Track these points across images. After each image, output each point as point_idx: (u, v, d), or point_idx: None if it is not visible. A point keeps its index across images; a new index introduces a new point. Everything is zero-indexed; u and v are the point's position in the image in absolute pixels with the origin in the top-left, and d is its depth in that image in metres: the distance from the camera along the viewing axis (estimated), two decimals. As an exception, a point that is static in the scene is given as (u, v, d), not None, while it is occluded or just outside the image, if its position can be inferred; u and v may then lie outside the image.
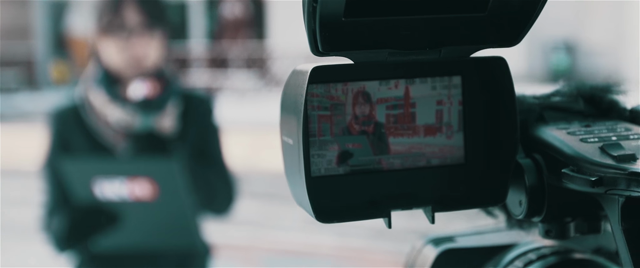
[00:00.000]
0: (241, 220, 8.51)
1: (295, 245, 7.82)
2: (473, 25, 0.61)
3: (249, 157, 11.54)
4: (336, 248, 7.68)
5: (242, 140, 12.79)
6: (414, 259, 0.76)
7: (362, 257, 7.29)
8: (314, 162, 0.63)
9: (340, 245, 7.76)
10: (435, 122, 0.66)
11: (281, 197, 9.71)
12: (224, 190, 2.89)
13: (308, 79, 0.60)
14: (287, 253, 7.58)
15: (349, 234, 8.05)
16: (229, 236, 7.76)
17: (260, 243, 7.88)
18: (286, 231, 8.29)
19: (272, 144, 6.45)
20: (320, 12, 0.57)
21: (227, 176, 2.93)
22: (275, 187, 10.12)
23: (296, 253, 7.56)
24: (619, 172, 0.58)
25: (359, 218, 0.64)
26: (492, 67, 0.64)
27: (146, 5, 2.80)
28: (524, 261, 0.69)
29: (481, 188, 0.65)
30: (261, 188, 9.99)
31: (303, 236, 8.09)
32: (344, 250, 7.62)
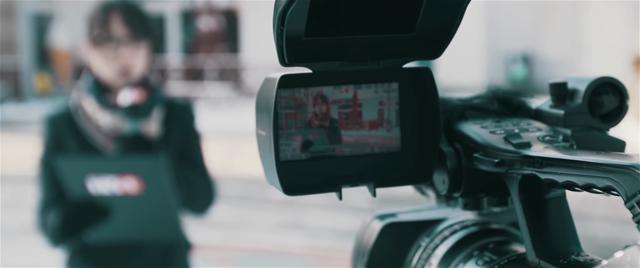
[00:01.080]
0: (216, 221, 8.51)
1: (267, 245, 7.74)
2: (404, 43, 0.70)
3: (224, 163, 11.44)
4: (306, 248, 7.60)
5: (217, 147, 12.70)
6: (363, 232, 0.83)
7: (330, 255, 7.24)
8: (282, 149, 0.71)
9: (310, 244, 7.70)
10: (378, 119, 0.74)
11: (254, 200, 9.66)
12: (203, 191, 2.90)
13: (277, 85, 0.69)
14: (260, 253, 7.48)
15: (318, 235, 7.96)
16: (205, 236, 7.85)
17: (234, 243, 7.78)
18: (259, 232, 8.21)
19: (246, 151, 6.62)
20: (286, 33, 0.65)
21: (207, 178, 2.94)
22: (249, 191, 10.06)
23: (268, 253, 7.47)
24: (516, 156, 0.67)
25: (317, 193, 0.73)
26: (421, 75, 0.72)
27: (132, 19, 2.83)
28: (451, 230, 0.77)
29: (413, 170, 0.73)
30: (235, 192, 9.89)
31: (275, 237, 8.01)
32: (313, 249, 7.50)
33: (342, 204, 9.00)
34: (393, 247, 0.80)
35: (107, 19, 2.81)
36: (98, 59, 2.83)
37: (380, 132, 0.74)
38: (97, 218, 2.66)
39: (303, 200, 9.55)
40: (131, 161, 2.64)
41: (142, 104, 2.73)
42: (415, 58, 0.71)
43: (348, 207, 8.50)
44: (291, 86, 0.71)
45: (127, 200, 2.64)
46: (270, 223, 8.50)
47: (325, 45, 0.69)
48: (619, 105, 0.73)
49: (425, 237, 0.79)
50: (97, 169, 2.60)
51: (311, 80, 0.72)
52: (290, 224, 8.49)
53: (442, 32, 0.69)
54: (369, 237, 0.81)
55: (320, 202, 9.20)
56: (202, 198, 2.90)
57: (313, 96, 0.72)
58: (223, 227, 8.36)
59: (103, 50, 2.81)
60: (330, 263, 7.04)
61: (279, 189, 0.68)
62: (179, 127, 2.94)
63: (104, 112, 2.80)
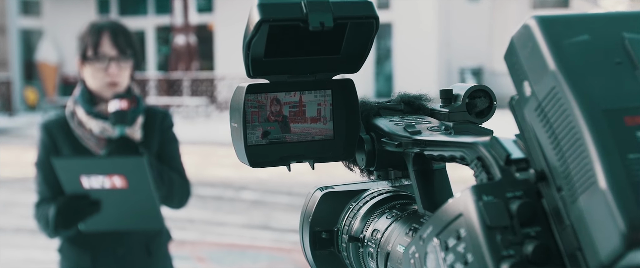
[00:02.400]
0: (191, 219, 8.59)
1: (237, 239, 7.80)
2: (333, 62, 0.87)
3: (199, 168, 11.33)
4: (272, 241, 7.65)
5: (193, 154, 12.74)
6: (308, 200, 0.96)
7: (294, 249, 7.17)
8: (248, 136, 0.86)
9: (276, 239, 7.73)
10: (317, 115, 0.89)
11: (225, 200, 9.68)
12: (180, 187, 2.95)
13: (245, 91, 0.85)
14: (231, 247, 7.55)
15: (283, 231, 7.97)
16: (182, 233, 7.64)
17: (207, 239, 7.83)
18: (230, 228, 8.25)
19: (219, 158, 6.79)
20: (251, 55, 0.81)
21: (184, 176, 3.00)
22: (221, 193, 10.09)
23: (238, 247, 7.53)
24: (409, 140, 0.82)
25: (273, 166, 0.88)
26: (347, 84, 0.89)
27: (119, 40, 2.89)
28: (371, 196, 0.91)
29: (341, 151, 0.89)
30: (208, 193, 9.94)
31: (244, 232, 8.06)
32: (278, 243, 7.56)
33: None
34: (330, 210, 0.94)
35: (98, 40, 2.88)
36: (89, 74, 2.90)
37: (318, 125, 0.90)
38: (89, 210, 2.71)
39: (270, 203, 9.61)
40: (118, 161, 2.70)
41: (127, 112, 2.79)
42: (341, 72, 0.88)
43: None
44: (255, 92, 0.87)
45: (115, 194, 2.68)
46: (241, 223, 8.53)
47: (279, 63, 0.85)
48: (489, 105, 0.87)
49: (352, 202, 0.94)
50: (89, 168, 2.66)
51: (269, 88, 0.87)
52: (259, 223, 8.50)
53: (359, 54, 0.86)
54: (313, 203, 0.95)
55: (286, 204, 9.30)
56: (179, 193, 2.96)
57: (270, 99, 0.87)
58: (197, 225, 8.38)
59: (94, 66, 2.88)
60: (292, 255, 7.18)
61: (246, 164, 0.86)
62: (159, 132, 3.01)
63: (95, 119, 2.87)
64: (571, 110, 0.58)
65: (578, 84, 0.58)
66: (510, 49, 0.63)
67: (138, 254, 3.00)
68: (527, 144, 0.63)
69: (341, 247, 0.93)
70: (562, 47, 0.60)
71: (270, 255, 7.23)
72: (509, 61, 0.63)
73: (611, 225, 0.54)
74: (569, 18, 0.62)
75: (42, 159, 2.92)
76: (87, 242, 2.94)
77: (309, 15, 0.78)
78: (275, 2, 0.78)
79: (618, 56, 0.60)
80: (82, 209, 2.71)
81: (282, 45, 0.83)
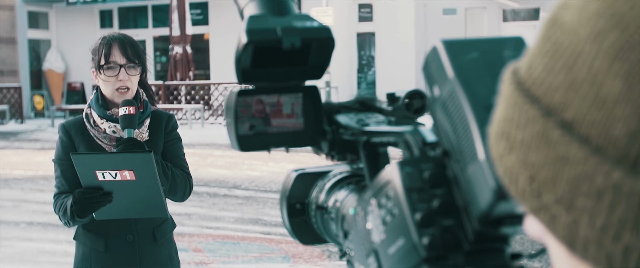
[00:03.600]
0: (189, 214, 8.67)
1: (230, 232, 7.84)
2: (302, 71, 0.98)
3: (196, 168, 11.22)
4: (263, 234, 7.70)
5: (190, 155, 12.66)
6: (286, 180, 1.05)
7: (283, 241, 7.29)
8: (239, 129, 0.95)
9: (266, 231, 7.77)
10: (291, 113, 0.98)
11: (220, 197, 9.69)
12: (183, 181, 3.01)
13: (236, 95, 0.96)
14: (225, 239, 7.59)
15: (272, 224, 8.01)
16: (181, 227, 7.92)
17: (203, 232, 7.87)
18: (224, 222, 8.29)
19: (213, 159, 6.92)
20: (241, 66, 0.93)
21: (186, 172, 3.07)
22: (216, 191, 10.10)
23: (232, 239, 7.58)
24: (359, 130, 0.93)
25: (258, 151, 0.98)
26: (313, 90, 0.99)
27: (128, 50, 2.98)
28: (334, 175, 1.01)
29: (310, 139, 1.00)
30: (204, 191, 9.98)
31: (237, 226, 8.10)
32: (268, 235, 7.61)
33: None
34: (302, 187, 1.03)
35: (109, 50, 2.96)
36: (102, 81, 2.99)
37: (292, 120, 1.00)
38: (103, 200, 2.76)
39: (261, 199, 9.57)
40: (128, 157, 2.74)
41: (134, 116, 2.86)
42: (308, 79, 1.01)
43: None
44: (244, 95, 0.97)
45: (125, 186, 2.73)
46: (234, 217, 8.57)
47: (262, 73, 0.97)
48: (423, 104, 0.97)
49: (320, 180, 1.04)
50: (103, 163, 2.71)
51: (254, 92, 0.96)
52: (251, 218, 8.53)
53: (321, 66, 0.99)
54: (289, 182, 1.05)
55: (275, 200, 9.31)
56: (182, 187, 3.02)
57: (255, 100, 0.98)
58: (195, 220, 8.40)
59: (106, 75, 2.97)
60: (282, 247, 7.18)
61: (237, 150, 1.01)
62: (164, 133, 3.08)
63: (107, 121, 2.97)
64: (463, 106, 0.70)
65: (468, 88, 0.70)
66: (425, 64, 0.75)
67: (145, 240, 3.07)
68: (437, 131, 0.76)
69: (311, 215, 1.03)
70: (458, 62, 0.72)
71: (261, 246, 7.28)
72: (425, 72, 0.75)
73: (486, 185, 0.67)
74: (464, 41, 0.74)
75: (60, 156, 3.00)
76: (101, 229, 3.01)
77: (283, 38, 0.91)
78: (258, 28, 0.92)
79: (498, 68, 0.71)
80: (96, 199, 2.76)
81: (263, 59, 0.95)
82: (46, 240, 7.64)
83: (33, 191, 10.37)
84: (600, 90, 0.48)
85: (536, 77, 0.53)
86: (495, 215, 0.69)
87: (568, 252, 0.53)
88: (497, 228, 0.72)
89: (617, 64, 0.47)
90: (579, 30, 0.50)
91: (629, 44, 0.46)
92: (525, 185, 0.53)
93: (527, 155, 0.53)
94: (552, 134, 0.51)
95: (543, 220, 0.53)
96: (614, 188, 0.47)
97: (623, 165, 0.47)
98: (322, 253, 6.90)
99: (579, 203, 0.49)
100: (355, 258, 0.86)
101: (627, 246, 0.47)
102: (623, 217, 0.47)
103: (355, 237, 0.85)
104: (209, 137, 16.08)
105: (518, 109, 0.54)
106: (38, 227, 8.23)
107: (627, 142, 0.47)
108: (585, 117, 0.49)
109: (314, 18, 0.97)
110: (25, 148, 15.50)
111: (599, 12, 0.48)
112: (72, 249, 3.13)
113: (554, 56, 0.51)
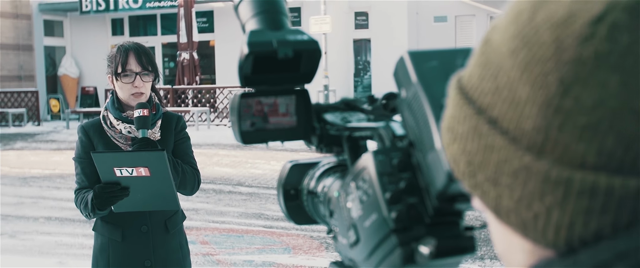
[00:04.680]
0: (196, 209, 8.64)
1: (235, 226, 7.86)
2: (294, 77, 1.03)
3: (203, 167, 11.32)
4: (265, 227, 7.71)
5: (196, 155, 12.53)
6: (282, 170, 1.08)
7: (284, 234, 7.33)
8: (241, 125, 1.00)
9: (268, 225, 7.79)
10: (286, 112, 1.02)
11: (225, 193, 9.67)
12: (192, 177, 3.06)
13: (239, 97, 1.00)
14: (230, 232, 7.62)
15: (274, 219, 8.03)
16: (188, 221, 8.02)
17: (210, 226, 7.89)
18: (229, 217, 8.32)
19: (219, 158, 6.98)
20: (243, 73, 0.98)
21: (195, 168, 3.12)
22: (221, 188, 10.08)
23: (236, 232, 7.61)
24: (342, 126, 0.98)
25: (258, 144, 1.02)
26: (304, 92, 1.03)
27: (143, 58, 3.04)
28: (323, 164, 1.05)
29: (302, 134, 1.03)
30: (211, 188, 9.96)
31: (241, 220, 8.12)
32: (270, 229, 7.63)
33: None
34: (296, 175, 1.07)
35: (126, 59, 3.02)
36: (119, 86, 3.05)
37: (286, 118, 1.04)
38: (120, 194, 2.80)
39: (263, 196, 9.50)
40: (143, 155, 2.78)
41: (148, 118, 2.93)
42: (300, 84, 1.06)
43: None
44: (246, 97, 1.00)
45: (140, 181, 2.77)
46: (239, 212, 8.57)
47: (261, 79, 1.01)
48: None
49: (311, 169, 1.06)
50: (120, 161, 2.76)
51: (255, 94, 1.01)
52: (254, 213, 8.54)
53: (311, 72, 1.05)
54: (285, 171, 1.07)
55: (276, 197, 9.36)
56: (191, 181, 3.07)
57: (255, 101, 1.01)
58: (202, 215, 8.40)
59: (123, 81, 3.03)
60: (283, 239, 7.16)
61: (240, 143, 1.10)
62: (174, 132, 3.13)
63: (123, 123, 3.02)
64: (423, 105, 0.76)
65: (428, 90, 0.77)
66: (395, 70, 0.81)
67: (158, 230, 3.11)
68: (405, 125, 0.82)
69: (303, 199, 1.08)
70: (420, 69, 0.78)
71: (263, 239, 7.30)
72: (395, 77, 0.82)
73: (441, 169, 0.73)
74: (425, 52, 0.80)
75: (80, 155, 3.04)
76: (118, 221, 3.06)
77: (278, 49, 0.97)
78: (257, 41, 0.99)
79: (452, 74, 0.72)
80: (115, 194, 2.79)
81: (262, 67, 1.00)
82: (63, 234, 7.69)
83: (50, 188, 10.41)
84: (515, 95, 0.56)
85: (472, 84, 0.61)
86: (449, 193, 0.75)
87: (496, 220, 0.61)
88: (452, 205, 0.78)
89: (525, 74, 0.55)
90: (502, 48, 0.58)
91: (534, 60, 0.54)
92: (464, 168, 0.61)
93: (465, 144, 0.61)
94: (482, 128, 0.59)
95: (478, 195, 0.61)
96: (525, 169, 0.56)
97: (532, 151, 0.55)
98: (320, 245, 6.96)
99: (502, 181, 0.57)
100: (339, 232, 0.92)
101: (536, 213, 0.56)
102: (532, 191, 0.55)
103: (338, 215, 0.91)
104: (215, 138, 16.07)
105: (459, 108, 0.62)
106: (55, 221, 8.28)
107: (534, 134, 0.55)
108: (505, 115, 0.57)
109: (304, 32, 1.04)
110: (42, 148, 15.50)
111: (514, 35, 0.57)
112: (87, 242, 3.23)
113: (485, 68, 0.60)
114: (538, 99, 0.54)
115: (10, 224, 8.12)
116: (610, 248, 0.53)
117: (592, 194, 0.53)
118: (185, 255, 3.23)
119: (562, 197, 0.54)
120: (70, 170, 10.71)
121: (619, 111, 0.52)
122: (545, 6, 0.56)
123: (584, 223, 0.54)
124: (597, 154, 0.53)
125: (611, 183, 0.53)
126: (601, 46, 0.52)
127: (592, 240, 0.54)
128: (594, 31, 0.52)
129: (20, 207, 9.06)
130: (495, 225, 0.63)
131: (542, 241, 0.57)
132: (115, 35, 23.27)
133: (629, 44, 0.51)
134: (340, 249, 0.95)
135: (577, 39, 0.53)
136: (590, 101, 0.52)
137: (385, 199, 0.81)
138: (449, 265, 0.84)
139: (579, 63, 0.52)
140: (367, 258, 0.86)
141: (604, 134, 0.52)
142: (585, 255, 0.54)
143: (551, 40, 0.54)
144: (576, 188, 0.54)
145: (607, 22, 0.52)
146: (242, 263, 6.38)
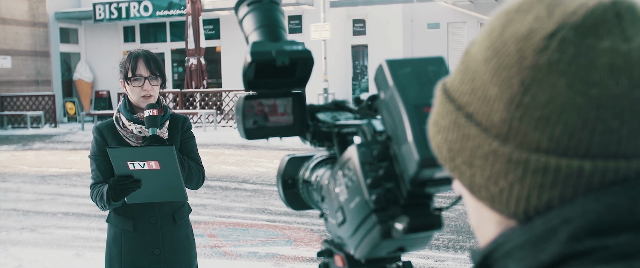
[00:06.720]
0: (204, 205, 8.52)
1: (240, 220, 7.81)
2: (291, 81, 1.07)
3: (209, 165, 11.29)
4: (268, 221, 7.68)
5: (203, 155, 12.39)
6: (280, 163, 1.13)
7: (286, 227, 7.30)
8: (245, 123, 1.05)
9: (271, 219, 7.75)
10: (284, 112, 1.06)
11: (231, 190, 9.60)
12: (197, 172, 3.06)
13: (243, 99, 1.06)
14: (235, 226, 7.57)
15: (277, 213, 7.98)
16: (196, 216, 7.72)
17: (216, 220, 7.85)
18: (234, 212, 8.26)
19: (225, 157, 7.05)
20: (246, 78, 1.04)
21: (199, 164, 3.12)
22: (227, 185, 10.01)
23: (241, 225, 7.57)
24: (332, 124, 1.02)
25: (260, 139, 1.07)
26: (300, 95, 1.07)
27: (151, 64, 3.05)
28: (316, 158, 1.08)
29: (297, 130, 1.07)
30: (217, 185, 9.93)
31: (246, 215, 8.07)
32: (274, 223, 7.60)
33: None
34: (293, 166, 1.11)
35: (136, 64, 3.04)
36: (129, 90, 3.07)
37: (284, 117, 1.08)
38: (133, 186, 2.82)
39: (267, 192, 9.40)
40: (154, 150, 2.80)
41: (157, 117, 2.95)
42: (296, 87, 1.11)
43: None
44: (249, 99, 1.05)
45: (151, 174, 2.79)
46: (244, 207, 8.53)
47: (262, 83, 1.06)
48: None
49: (306, 161, 1.11)
50: (133, 155, 2.77)
51: (257, 96, 1.06)
52: (258, 208, 8.50)
53: (305, 77, 1.11)
54: (283, 163, 1.13)
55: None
56: (197, 176, 3.08)
57: (257, 103, 1.06)
58: (210, 210, 8.36)
59: (133, 85, 3.05)
60: (286, 232, 7.11)
61: (245, 138, 1.19)
62: (181, 132, 3.13)
63: (134, 123, 3.05)
64: (398, 105, 0.83)
65: (402, 92, 0.83)
66: (375, 76, 0.87)
67: (166, 221, 3.13)
68: (383, 122, 0.88)
69: (299, 187, 1.12)
70: (396, 74, 0.85)
71: (267, 232, 7.27)
72: (375, 82, 0.87)
73: (413, 159, 0.80)
74: (401, 60, 0.87)
75: (95, 153, 3.07)
76: (129, 212, 3.09)
77: (276, 58, 1.04)
78: (259, 51, 1.04)
79: (424, 79, 0.86)
80: (128, 185, 2.81)
81: (263, 73, 1.06)
82: (80, 228, 7.71)
83: (67, 186, 10.42)
84: (487, 94, 0.64)
85: (454, 87, 0.70)
86: (419, 179, 0.82)
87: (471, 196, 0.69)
88: (423, 189, 0.85)
89: (495, 77, 0.64)
90: (477, 57, 0.67)
91: (502, 66, 0.63)
92: (446, 154, 0.70)
93: (447, 134, 0.69)
94: (460, 121, 0.67)
95: (456, 176, 0.69)
96: (493, 152, 0.64)
97: (498, 138, 0.64)
98: (320, 237, 6.97)
99: (475, 163, 0.66)
100: (329, 215, 0.99)
101: (501, 188, 0.64)
102: (499, 170, 0.64)
103: (328, 200, 0.98)
104: (221, 138, 16.03)
105: (443, 106, 0.70)
106: (72, 216, 8.29)
107: (500, 124, 0.64)
108: (479, 110, 0.66)
109: (299, 43, 1.10)
110: (59, 149, 15.46)
111: (487, 47, 0.66)
112: (102, 235, 3.21)
113: (464, 73, 0.68)
114: (504, 97, 0.63)
115: (31, 219, 8.13)
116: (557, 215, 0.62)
117: (544, 172, 0.62)
118: (191, 245, 3.23)
119: (521, 175, 0.63)
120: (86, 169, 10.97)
121: (566, 106, 0.61)
122: (512, 24, 0.64)
123: (538, 195, 0.63)
124: (549, 140, 0.61)
125: (559, 164, 0.61)
126: (553, 56, 0.61)
127: (544, 209, 0.63)
128: (548, 44, 0.61)
129: (40, 203, 9.04)
130: (470, 201, 0.71)
131: (506, 211, 0.65)
132: (127, 42, 23.28)
133: (574, 55, 0.60)
134: (330, 229, 1.02)
135: (535, 50, 0.62)
136: (544, 98, 0.61)
137: (367, 184, 0.87)
138: (420, 239, 0.92)
139: (535, 69, 0.61)
140: (352, 235, 0.94)
141: (554, 125, 0.61)
142: (538, 221, 0.62)
143: (515, 51, 0.63)
144: (532, 168, 0.62)
145: (558, 37, 0.61)
146: (247, 255, 6.40)
